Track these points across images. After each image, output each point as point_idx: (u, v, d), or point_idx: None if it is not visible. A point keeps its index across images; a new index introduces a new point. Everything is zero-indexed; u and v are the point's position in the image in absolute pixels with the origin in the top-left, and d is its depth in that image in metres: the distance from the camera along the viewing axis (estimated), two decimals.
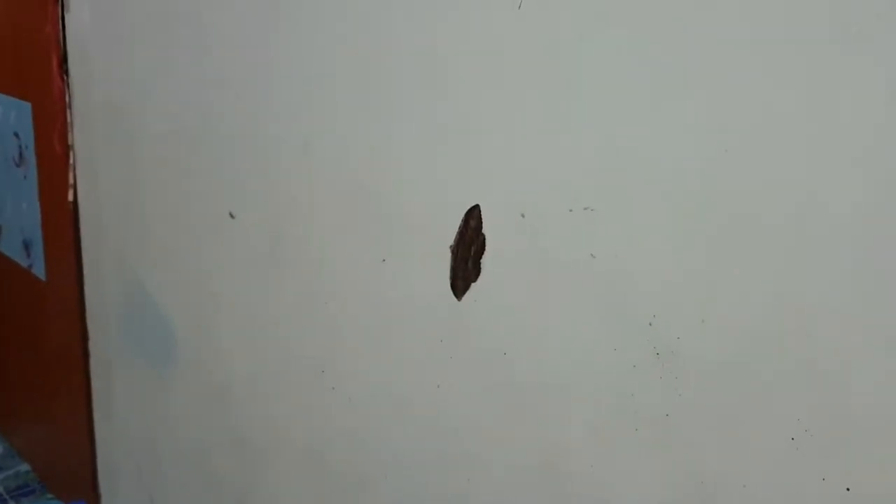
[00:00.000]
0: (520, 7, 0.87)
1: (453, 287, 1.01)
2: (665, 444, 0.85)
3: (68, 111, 1.73)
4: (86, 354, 1.95)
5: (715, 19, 0.73)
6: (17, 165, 2.12)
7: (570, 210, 0.87)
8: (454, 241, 0.99)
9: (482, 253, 0.97)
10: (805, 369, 0.73)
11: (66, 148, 1.77)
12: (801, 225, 0.71)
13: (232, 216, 1.36)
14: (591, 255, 0.87)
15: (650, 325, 0.83)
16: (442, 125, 0.98)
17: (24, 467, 2.53)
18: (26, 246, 2.19)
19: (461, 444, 1.06)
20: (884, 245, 0.67)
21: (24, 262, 2.22)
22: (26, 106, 1.98)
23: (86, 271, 1.87)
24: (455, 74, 0.96)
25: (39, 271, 2.14)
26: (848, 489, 0.72)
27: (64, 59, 1.69)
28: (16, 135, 2.08)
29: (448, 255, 1.01)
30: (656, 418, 0.85)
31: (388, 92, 1.04)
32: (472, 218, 0.97)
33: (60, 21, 1.67)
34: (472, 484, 1.06)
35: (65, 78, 1.70)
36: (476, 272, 0.99)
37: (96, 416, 1.98)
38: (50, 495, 2.40)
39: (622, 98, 0.81)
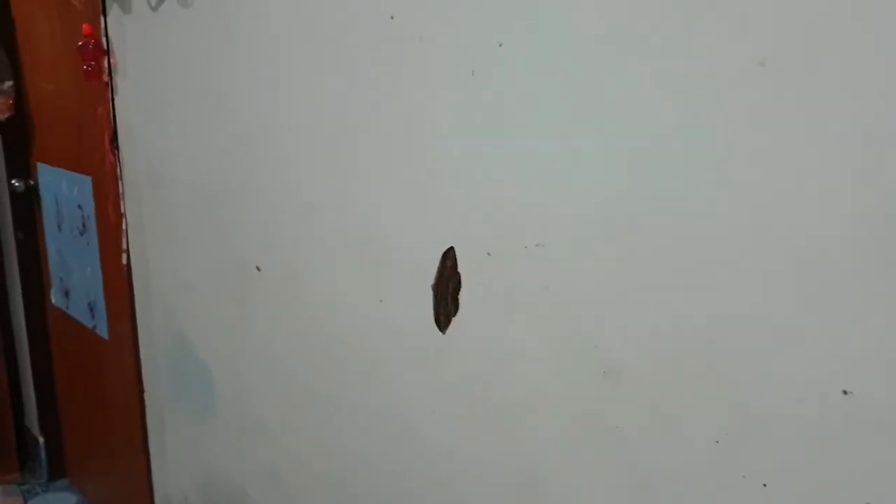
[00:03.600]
0: (473, 74, 0.99)
1: (437, 322, 1.13)
2: (617, 451, 0.94)
3: (120, 182, 1.91)
4: (142, 406, 2.11)
5: (634, 65, 0.85)
6: (81, 234, 2.31)
7: (525, 246, 0.98)
8: (434, 280, 1.11)
9: (459, 289, 1.09)
10: (721, 378, 0.82)
11: (120, 216, 1.94)
12: (708, 249, 0.81)
13: (258, 269, 1.51)
14: (546, 286, 0.97)
15: (596, 346, 0.93)
16: (416, 178, 1.11)
17: None
18: (90, 308, 2.37)
19: (454, 464, 1.17)
20: (791, 262, 0.76)
21: (88, 323, 2.40)
22: (87, 180, 2.18)
23: (139, 328, 2.03)
24: (426, 134, 1.08)
25: (102, 331, 2.32)
26: (765, 485, 0.81)
27: (115, 136, 1.88)
28: (79, 206, 2.28)
29: (431, 294, 1.12)
30: (609, 430, 0.94)
31: (373, 151, 1.17)
32: (449, 258, 1.09)
33: (111, 102, 1.86)
34: (469, 499, 1.16)
35: (116, 152, 1.89)
36: (455, 307, 1.10)
37: (153, 464, 2.13)
38: None
39: (560, 144, 0.92)
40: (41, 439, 2.94)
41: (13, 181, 2.62)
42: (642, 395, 0.90)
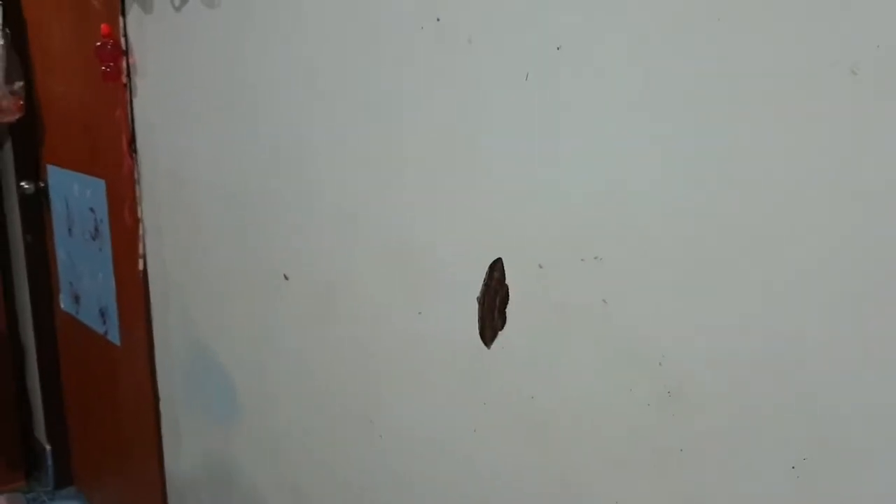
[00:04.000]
0: (527, 78, 0.95)
1: (482, 336, 1.08)
2: (679, 477, 0.89)
3: (137, 186, 1.87)
4: (157, 414, 2.07)
5: (726, 72, 0.80)
6: (93, 239, 2.27)
7: (582, 259, 0.94)
8: (480, 292, 1.07)
9: (507, 302, 1.04)
10: (802, 401, 0.78)
11: (136, 220, 1.90)
12: (794, 266, 0.76)
13: (286, 278, 1.46)
14: (604, 300, 0.93)
15: (660, 364, 0.89)
16: (465, 187, 1.06)
17: None
18: (102, 314, 2.33)
19: (497, 485, 1.12)
20: (875, 280, 0.72)
21: (99, 329, 2.36)
22: (101, 183, 2.13)
23: (155, 335, 1.99)
24: (475, 140, 1.04)
25: (114, 337, 2.28)
26: None
27: (133, 139, 1.83)
28: (91, 210, 2.24)
29: (476, 307, 1.08)
30: (672, 453, 0.90)
31: (419, 159, 1.13)
32: (496, 270, 1.04)
33: (129, 105, 1.81)
34: None
35: (134, 156, 1.84)
36: (502, 321, 1.06)
37: (168, 473, 2.08)
38: None
39: (624, 153, 0.88)
40: (48, 447, 2.90)
41: (22, 183, 2.57)
42: (710, 417, 0.86)
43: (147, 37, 1.73)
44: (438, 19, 1.05)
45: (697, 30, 0.80)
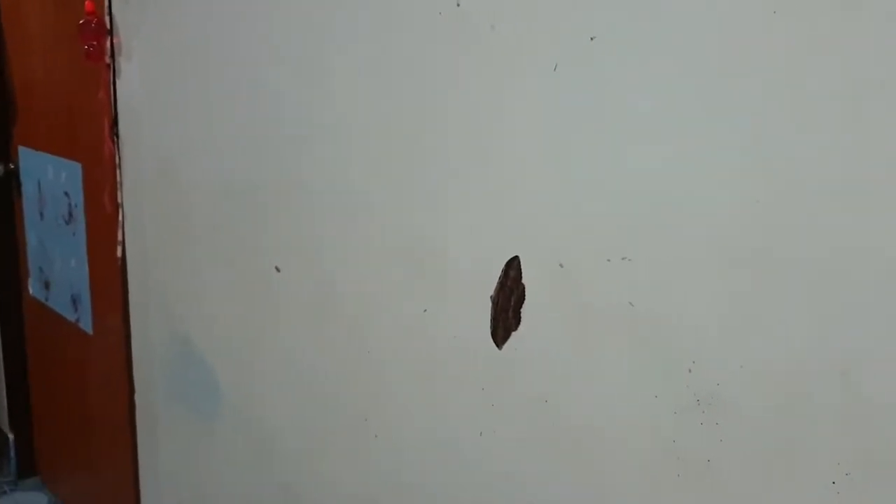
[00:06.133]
0: (555, 69, 0.91)
1: (494, 336, 1.04)
2: (707, 490, 0.86)
3: (118, 171, 1.80)
4: (131, 406, 2.00)
5: (750, 74, 0.77)
6: (67, 223, 2.19)
7: (609, 260, 0.90)
8: (494, 291, 1.02)
9: (522, 302, 1.00)
10: (844, 413, 0.75)
11: (116, 206, 1.83)
12: (840, 269, 0.73)
13: (278, 270, 1.41)
14: (630, 303, 0.89)
15: (690, 371, 0.86)
16: (482, 180, 1.02)
17: None
18: (74, 301, 2.25)
19: (504, 491, 1.08)
20: None
21: (71, 316, 2.28)
22: (76, 166, 2.06)
23: (133, 325, 1.92)
24: (494, 132, 1.00)
25: (87, 325, 2.20)
26: None
27: (115, 123, 1.76)
28: (66, 194, 2.16)
29: (489, 305, 1.04)
30: (698, 463, 0.87)
31: (433, 150, 1.08)
32: (512, 269, 1.00)
33: (112, 87, 1.74)
34: None
35: (115, 140, 1.77)
36: (517, 321, 1.01)
37: (141, 467, 2.02)
38: None
39: (656, 151, 0.84)
40: (10, 435, 2.81)
41: None
42: (741, 428, 0.82)
43: (133, 16, 1.65)
44: (458, 4, 1.00)
45: (743, 22, 0.76)
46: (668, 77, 0.82)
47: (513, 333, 1.03)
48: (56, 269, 2.33)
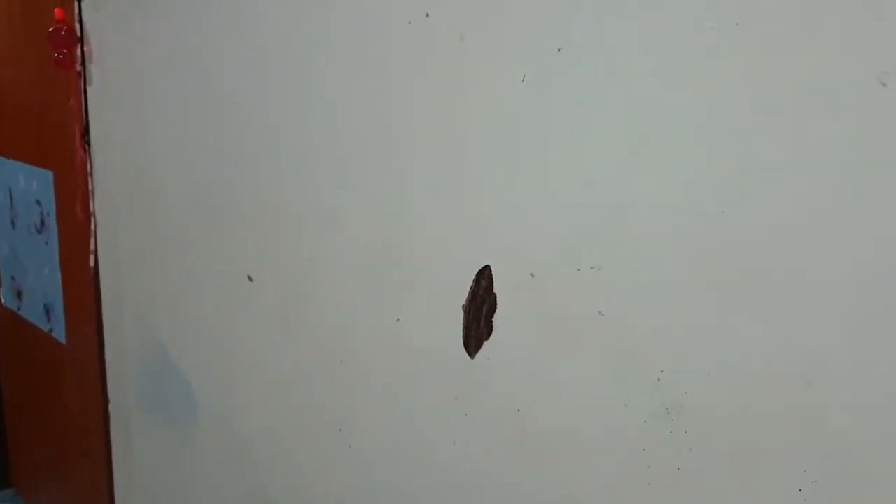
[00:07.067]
0: (523, 80, 0.91)
1: (466, 345, 1.04)
2: (677, 498, 0.87)
3: (90, 179, 1.78)
4: (106, 416, 1.98)
5: (716, 84, 0.77)
6: (39, 232, 2.17)
7: (578, 269, 0.90)
8: (466, 300, 1.03)
9: (493, 312, 1.01)
10: (809, 421, 0.75)
11: (88, 215, 1.82)
12: (805, 279, 0.74)
13: (250, 279, 1.40)
14: (600, 312, 0.90)
15: (658, 380, 0.86)
16: (453, 189, 1.02)
17: None
18: (47, 310, 2.23)
19: (477, 499, 1.08)
20: (885, 295, 0.69)
21: (44, 326, 2.26)
22: (48, 174, 2.04)
23: (106, 335, 1.90)
24: (464, 142, 1.00)
25: (60, 335, 2.18)
26: None
27: (86, 130, 1.75)
28: (37, 202, 2.14)
29: (461, 315, 1.04)
30: (668, 471, 0.87)
31: (402, 159, 1.08)
32: (483, 278, 1.00)
33: (83, 94, 1.73)
34: None
35: (87, 148, 1.76)
36: (488, 330, 1.02)
37: (116, 477, 2.00)
38: None
39: (624, 160, 0.85)
40: None
41: None
42: (710, 436, 0.83)
43: (104, 23, 1.64)
44: (427, 14, 1.00)
45: (714, 31, 0.77)
46: (634, 87, 0.83)
47: (485, 342, 1.03)
48: (29, 279, 2.31)
